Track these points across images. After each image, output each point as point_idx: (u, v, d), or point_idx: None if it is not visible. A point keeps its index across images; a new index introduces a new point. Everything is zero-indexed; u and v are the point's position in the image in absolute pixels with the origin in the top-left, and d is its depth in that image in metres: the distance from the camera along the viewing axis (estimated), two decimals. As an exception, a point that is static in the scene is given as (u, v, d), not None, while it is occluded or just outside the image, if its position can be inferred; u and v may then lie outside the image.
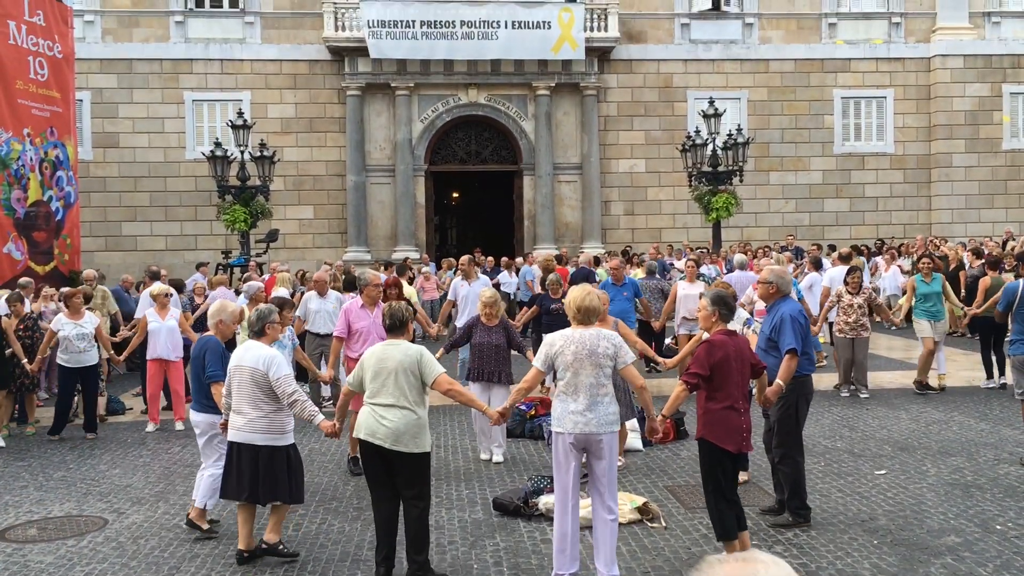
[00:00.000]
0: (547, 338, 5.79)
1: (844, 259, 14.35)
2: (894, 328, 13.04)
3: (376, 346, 6.09)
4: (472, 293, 11.83)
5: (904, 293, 14.04)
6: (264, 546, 6.23)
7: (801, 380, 6.69)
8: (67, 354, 10.50)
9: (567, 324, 5.80)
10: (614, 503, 5.66)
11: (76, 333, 10.48)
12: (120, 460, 9.49)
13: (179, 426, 10.77)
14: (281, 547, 6.28)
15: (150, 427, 10.81)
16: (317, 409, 6.14)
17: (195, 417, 7.01)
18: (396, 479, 5.79)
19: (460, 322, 11.92)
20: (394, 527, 5.86)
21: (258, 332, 6.32)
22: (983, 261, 17.25)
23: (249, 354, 6.18)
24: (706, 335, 6.10)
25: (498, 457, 8.87)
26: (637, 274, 16.32)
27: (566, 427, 5.54)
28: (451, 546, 6.50)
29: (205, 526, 6.87)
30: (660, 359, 9.07)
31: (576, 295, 5.73)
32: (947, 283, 12.55)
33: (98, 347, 10.87)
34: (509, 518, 7.09)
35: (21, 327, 11.02)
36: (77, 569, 6.24)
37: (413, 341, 6.13)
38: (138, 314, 12.01)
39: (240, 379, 6.16)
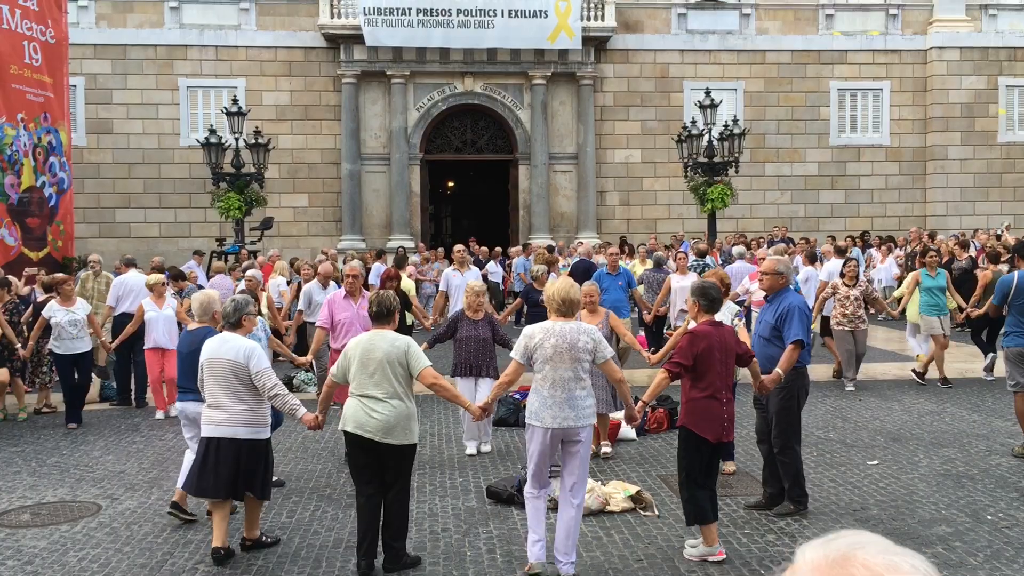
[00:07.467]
0: (526, 330, 5.67)
1: (840, 252, 14.40)
2: (891, 319, 13.10)
3: (362, 336, 5.98)
4: (464, 283, 11.81)
5: (899, 284, 14.04)
6: (248, 543, 6.21)
7: (800, 371, 6.75)
8: (59, 341, 10.49)
9: None
10: (581, 491, 5.64)
11: (68, 320, 10.47)
12: (113, 446, 9.49)
13: (159, 415, 10.72)
14: (264, 538, 6.29)
15: (159, 415, 10.76)
16: (299, 402, 6.09)
17: (187, 406, 6.98)
18: (384, 471, 5.77)
19: (452, 312, 11.90)
20: (378, 519, 5.80)
21: (235, 324, 6.17)
22: (969, 254, 17.31)
23: (227, 346, 6.04)
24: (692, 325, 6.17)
25: (485, 447, 8.80)
26: (636, 266, 16.36)
27: (544, 422, 5.48)
28: (444, 533, 6.51)
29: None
30: (646, 354, 9.11)
31: (560, 287, 5.68)
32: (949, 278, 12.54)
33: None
34: (502, 506, 7.10)
35: (4, 312, 11.01)
36: (71, 554, 6.24)
37: (410, 331, 6.13)
38: (109, 300, 11.98)
39: (217, 372, 6.02)
